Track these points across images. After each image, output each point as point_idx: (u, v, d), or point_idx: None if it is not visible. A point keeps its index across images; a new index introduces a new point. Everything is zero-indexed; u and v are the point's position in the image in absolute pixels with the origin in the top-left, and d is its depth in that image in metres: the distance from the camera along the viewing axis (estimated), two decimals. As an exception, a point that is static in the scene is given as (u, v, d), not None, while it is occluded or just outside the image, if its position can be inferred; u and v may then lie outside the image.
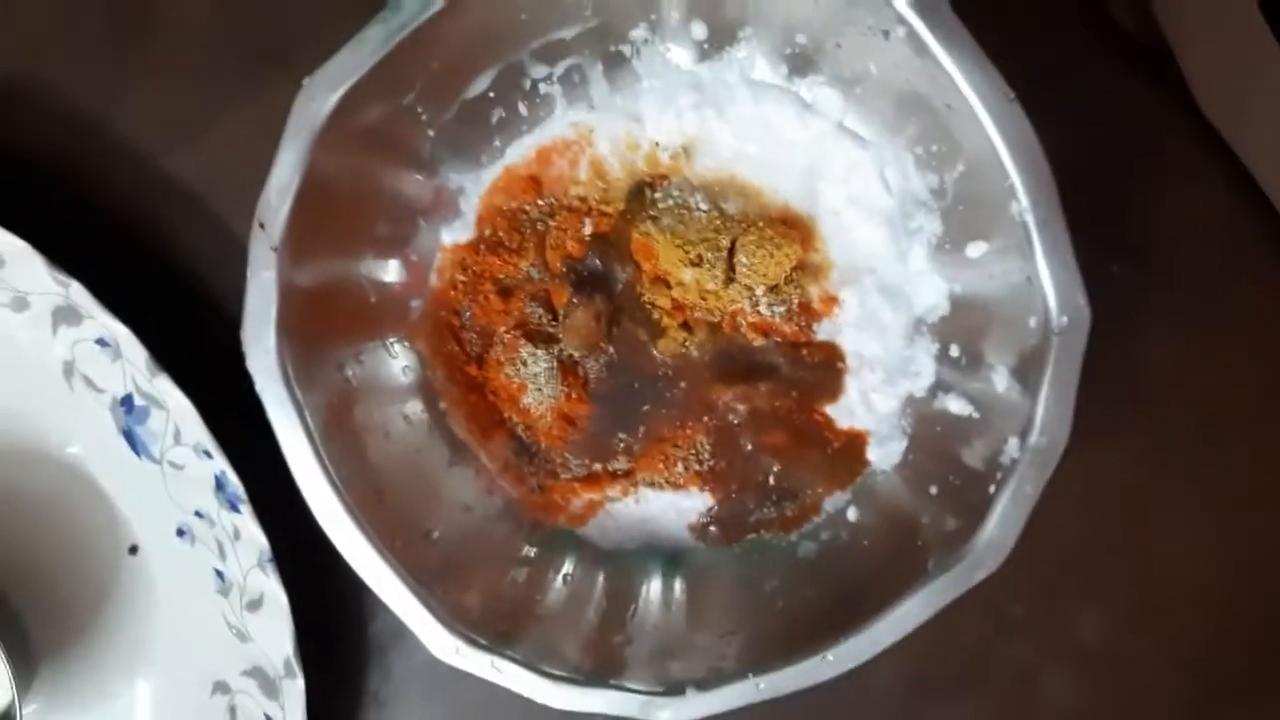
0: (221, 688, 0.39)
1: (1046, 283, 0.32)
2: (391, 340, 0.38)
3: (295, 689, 0.37)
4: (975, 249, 0.35)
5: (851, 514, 0.38)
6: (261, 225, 0.33)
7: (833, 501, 0.39)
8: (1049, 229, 0.32)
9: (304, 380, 0.34)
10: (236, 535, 0.38)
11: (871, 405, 0.39)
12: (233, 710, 0.39)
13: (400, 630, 0.34)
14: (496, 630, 0.35)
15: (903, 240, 0.38)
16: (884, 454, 0.38)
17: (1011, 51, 0.34)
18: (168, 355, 0.37)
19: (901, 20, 0.32)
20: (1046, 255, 0.32)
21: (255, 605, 0.38)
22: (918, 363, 0.38)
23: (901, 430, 0.38)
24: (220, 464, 0.37)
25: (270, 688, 0.38)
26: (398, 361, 0.38)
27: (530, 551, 0.38)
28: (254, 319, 0.33)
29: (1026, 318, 0.33)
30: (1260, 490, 0.41)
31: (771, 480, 0.39)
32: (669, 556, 0.39)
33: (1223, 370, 0.41)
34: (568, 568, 0.38)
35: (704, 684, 0.34)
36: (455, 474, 0.38)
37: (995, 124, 0.32)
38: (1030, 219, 0.32)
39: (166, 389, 0.37)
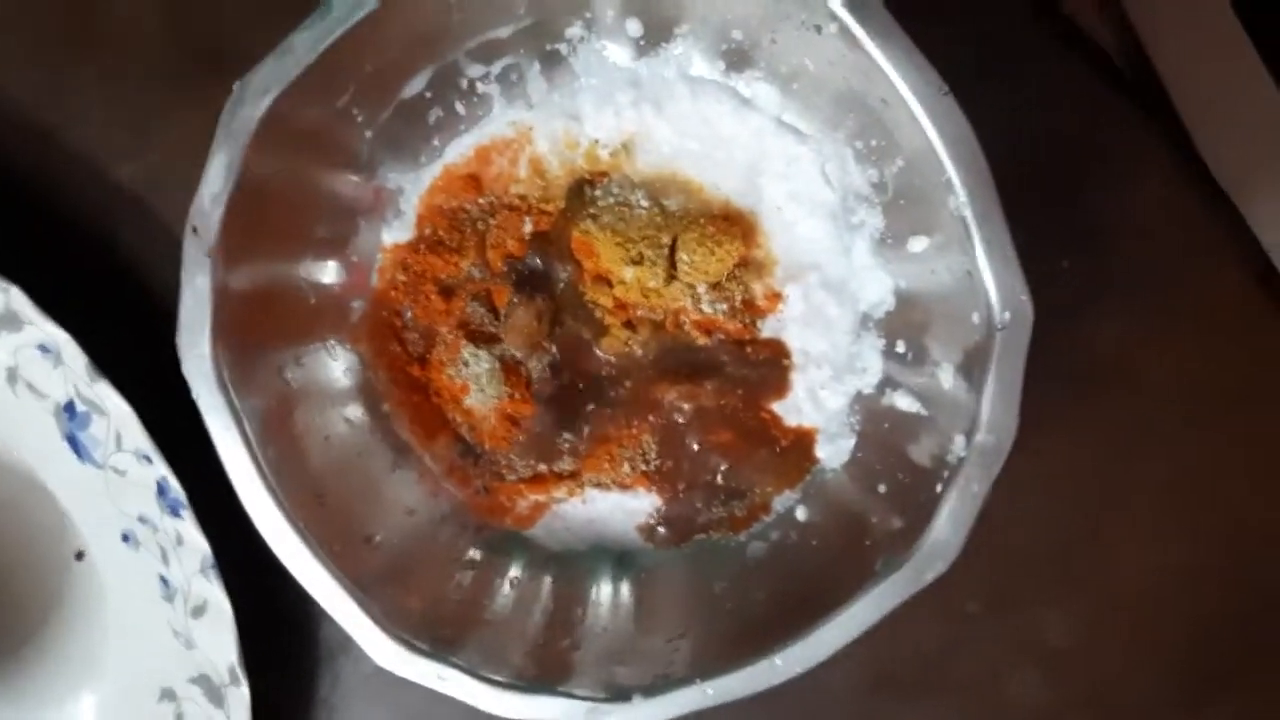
0: (169, 695, 0.39)
1: (987, 278, 0.32)
2: (332, 342, 0.37)
3: (240, 696, 0.37)
4: (917, 244, 0.35)
5: (800, 513, 0.38)
6: (195, 230, 0.33)
7: (782, 501, 0.38)
8: (988, 223, 0.32)
9: (241, 384, 0.34)
10: (179, 541, 0.37)
11: (819, 402, 0.38)
12: (180, 718, 0.39)
13: (348, 638, 0.34)
14: (441, 636, 0.34)
15: (846, 235, 0.37)
16: (833, 452, 0.38)
17: (960, 46, 0.33)
18: (110, 360, 0.37)
19: (833, 16, 0.32)
20: (986, 250, 0.32)
21: (199, 612, 0.38)
22: (865, 359, 0.38)
23: (850, 428, 0.38)
24: (161, 469, 0.37)
25: (215, 695, 0.38)
26: (338, 364, 0.38)
27: (476, 555, 0.38)
28: (189, 324, 0.33)
29: (970, 313, 0.33)
30: (1217, 483, 0.41)
31: (719, 479, 0.38)
32: (618, 558, 0.39)
33: (1178, 364, 0.40)
34: (514, 571, 0.38)
35: (651, 690, 0.33)
36: (398, 477, 0.38)
37: (930, 118, 0.32)
38: (968, 213, 0.32)
39: (107, 394, 0.37)
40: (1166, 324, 0.41)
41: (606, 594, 0.38)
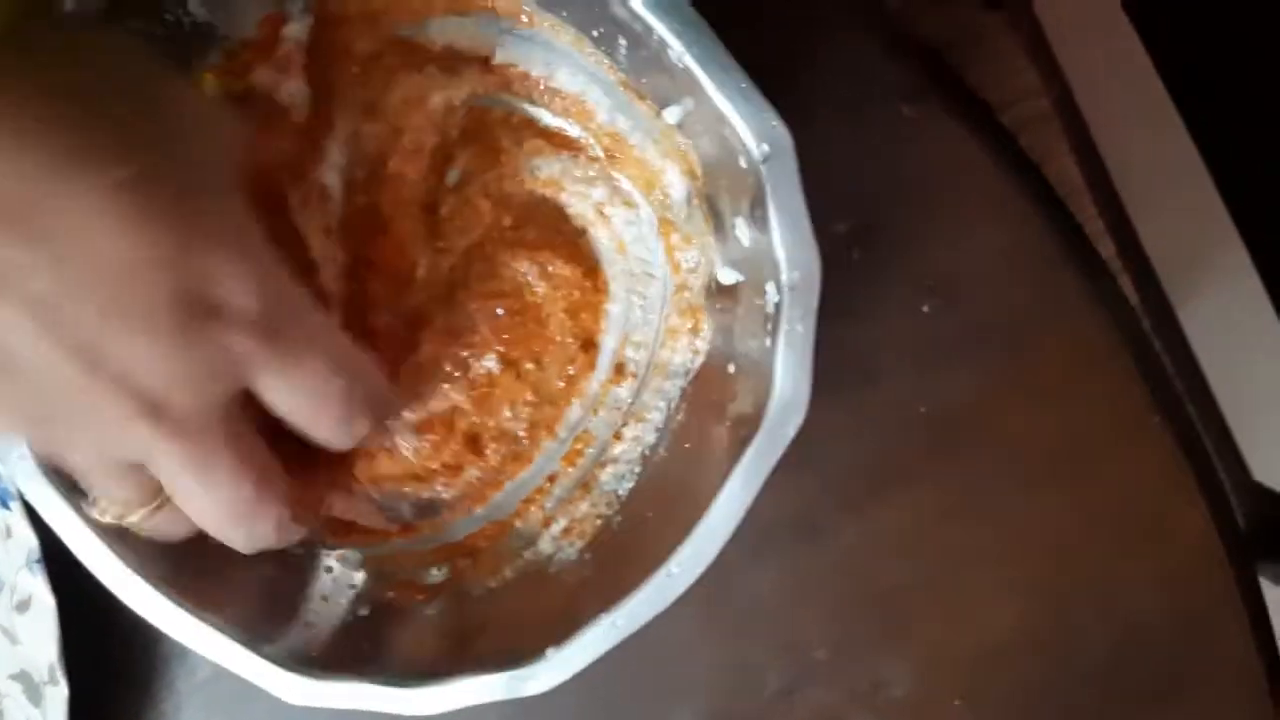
0: (-10, 691, 0.38)
1: (731, 115, 0.31)
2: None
3: (58, 696, 0.36)
4: (671, 115, 0.34)
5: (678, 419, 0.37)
6: None
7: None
8: (712, 64, 0.30)
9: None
10: (8, 533, 0.37)
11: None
12: (0, 714, 0.38)
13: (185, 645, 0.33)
14: (343, 654, 0.33)
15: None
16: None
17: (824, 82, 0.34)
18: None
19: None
20: (720, 89, 0.30)
21: (24, 606, 0.37)
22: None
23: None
24: (-9, 460, 0.36)
25: (35, 693, 0.37)
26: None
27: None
28: None
29: (737, 159, 0.31)
30: (1069, 540, 0.40)
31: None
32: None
33: (1034, 415, 0.40)
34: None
35: (560, 640, 0.31)
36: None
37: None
38: (689, 61, 0.30)
39: (-59, 383, 0.36)
40: (1017, 381, 0.40)
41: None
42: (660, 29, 0.30)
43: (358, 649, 0.34)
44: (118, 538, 0.32)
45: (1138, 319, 0.38)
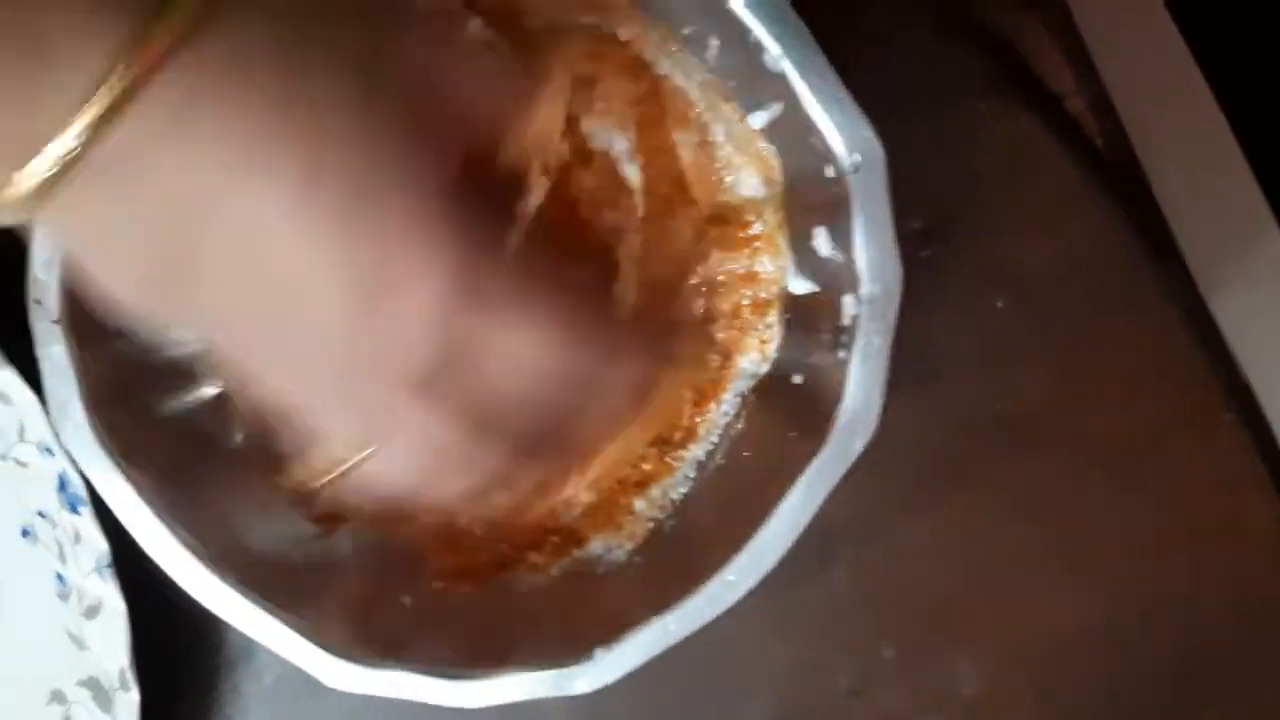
0: (58, 697, 0.37)
1: (822, 122, 0.30)
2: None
3: (129, 702, 0.36)
4: (758, 119, 0.34)
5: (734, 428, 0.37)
6: (38, 302, 0.31)
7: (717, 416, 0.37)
8: (811, 70, 0.30)
9: (130, 443, 0.32)
10: (77, 538, 0.37)
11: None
12: (67, 721, 0.37)
13: (250, 649, 0.33)
14: (379, 641, 0.32)
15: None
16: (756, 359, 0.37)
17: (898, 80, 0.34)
18: (14, 350, 0.36)
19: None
20: (816, 95, 0.30)
21: (93, 612, 0.37)
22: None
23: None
24: (62, 463, 0.36)
25: (104, 699, 0.36)
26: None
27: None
28: (56, 397, 0.31)
29: (823, 168, 0.31)
30: (1139, 537, 0.40)
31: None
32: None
33: (1103, 415, 0.40)
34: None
35: (609, 640, 0.31)
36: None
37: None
38: (786, 65, 0.30)
39: (12, 383, 0.37)
40: (1094, 373, 0.40)
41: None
42: (759, 31, 0.30)
43: (403, 637, 0.33)
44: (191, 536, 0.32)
45: (1210, 313, 0.37)
